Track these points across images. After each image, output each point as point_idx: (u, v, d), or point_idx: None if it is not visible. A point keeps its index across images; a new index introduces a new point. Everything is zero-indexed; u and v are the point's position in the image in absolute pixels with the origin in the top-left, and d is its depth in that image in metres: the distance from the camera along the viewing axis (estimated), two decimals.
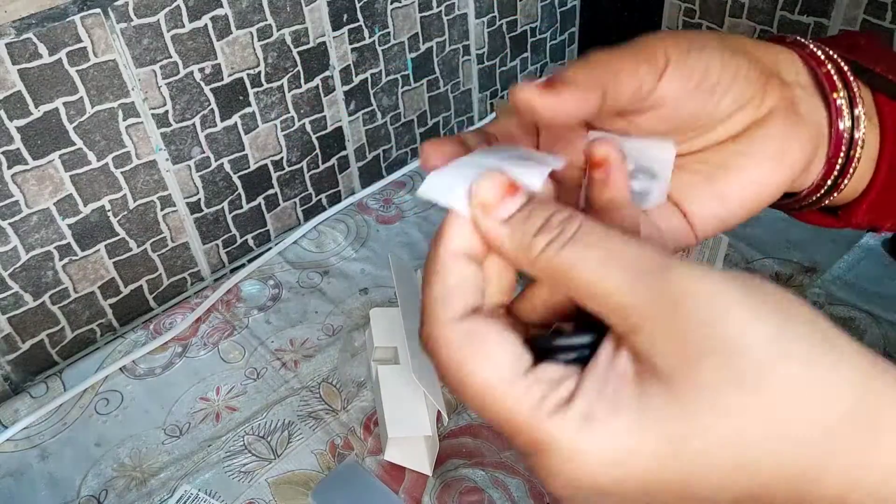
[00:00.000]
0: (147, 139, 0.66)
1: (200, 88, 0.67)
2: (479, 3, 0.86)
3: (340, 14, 0.74)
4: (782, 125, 0.33)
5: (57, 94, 0.59)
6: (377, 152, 0.87)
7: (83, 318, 0.70)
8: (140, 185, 0.67)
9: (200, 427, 0.62)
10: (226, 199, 0.75)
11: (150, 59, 0.63)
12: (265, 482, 0.57)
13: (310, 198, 0.82)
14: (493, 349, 0.26)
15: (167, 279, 0.74)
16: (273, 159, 0.76)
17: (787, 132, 0.33)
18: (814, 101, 0.35)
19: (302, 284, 0.74)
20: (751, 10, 0.80)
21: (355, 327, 0.69)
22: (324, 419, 0.61)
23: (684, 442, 0.23)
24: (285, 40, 0.71)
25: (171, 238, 0.72)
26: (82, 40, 0.58)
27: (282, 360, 0.67)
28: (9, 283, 0.63)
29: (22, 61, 0.56)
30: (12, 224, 0.61)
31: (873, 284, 0.67)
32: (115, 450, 0.60)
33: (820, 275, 0.68)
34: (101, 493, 0.57)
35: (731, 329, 0.23)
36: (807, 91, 0.34)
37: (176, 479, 0.58)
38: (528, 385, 0.25)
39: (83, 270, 0.67)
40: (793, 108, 0.33)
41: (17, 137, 0.58)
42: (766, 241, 0.72)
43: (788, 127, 0.33)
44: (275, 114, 0.74)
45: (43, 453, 0.60)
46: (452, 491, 0.56)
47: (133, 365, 0.67)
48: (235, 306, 0.72)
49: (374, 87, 0.82)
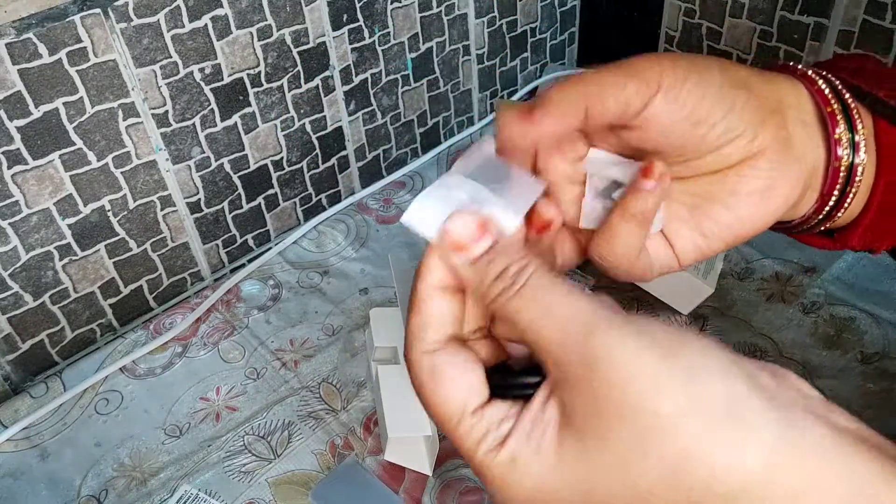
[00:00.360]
0: (147, 139, 0.66)
1: (200, 88, 0.67)
2: (479, 3, 0.86)
3: (340, 14, 0.74)
4: (772, 163, 0.33)
5: (57, 94, 0.59)
6: (377, 152, 0.87)
7: (83, 318, 0.70)
8: (140, 185, 0.67)
9: (200, 427, 0.62)
10: (226, 199, 0.75)
11: (150, 59, 0.63)
12: (265, 482, 0.57)
13: (310, 198, 0.82)
14: (451, 386, 0.29)
15: (167, 279, 0.74)
16: (273, 159, 0.76)
17: (776, 171, 0.33)
18: (814, 138, 0.34)
19: (302, 284, 0.74)
20: (751, 10, 0.80)
21: (355, 327, 0.69)
22: (324, 419, 0.61)
23: (590, 489, 0.26)
24: (285, 40, 0.71)
25: (171, 238, 0.72)
26: (82, 40, 0.58)
27: (282, 360, 0.67)
28: (9, 283, 0.63)
29: (22, 61, 0.56)
30: (12, 224, 0.61)
31: (873, 284, 0.67)
32: (115, 450, 0.60)
33: (820, 275, 0.68)
34: (101, 493, 0.57)
35: (638, 396, 0.25)
36: (808, 129, 0.34)
37: (176, 479, 0.58)
38: (475, 423, 0.28)
39: (83, 270, 0.67)
40: (786, 146, 0.33)
41: (17, 137, 0.58)
42: (765, 241, 0.72)
43: (778, 165, 0.33)
44: (275, 114, 0.74)
45: (43, 453, 0.60)
46: (452, 491, 0.56)
47: (133, 365, 0.67)
48: (235, 306, 0.72)
49: (374, 87, 0.82)
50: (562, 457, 0.27)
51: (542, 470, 0.27)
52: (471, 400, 0.29)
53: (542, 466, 0.27)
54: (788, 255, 0.70)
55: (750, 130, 0.32)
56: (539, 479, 0.27)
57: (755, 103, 0.32)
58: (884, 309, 0.64)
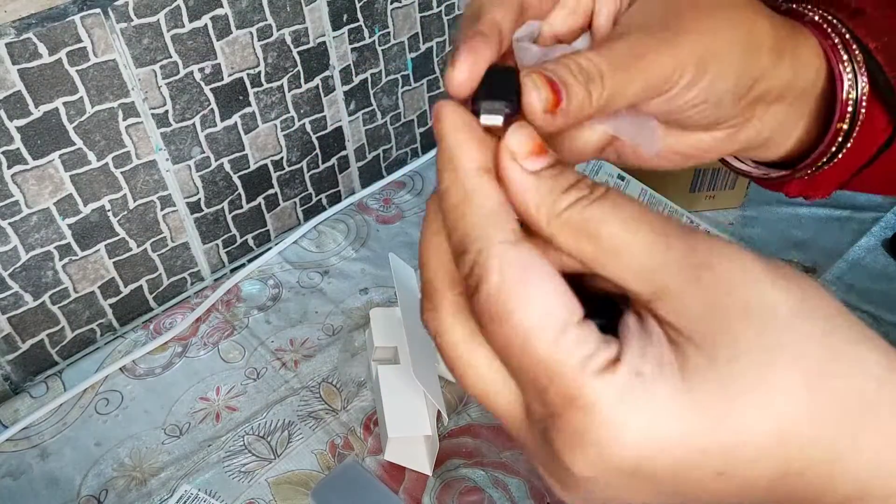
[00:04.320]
0: (147, 139, 0.66)
1: (200, 88, 0.67)
2: None
3: (340, 14, 0.74)
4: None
5: (57, 94, 0.59)
6: (377, 152, 0.87)
7: (83, 318, 0.70)
8: (140, 185, 0.67)
9: (200, 427, 0.62)
10: (226, 199, 0.75)
11: (150, 58, 0.63)
12: (265, 482, 0.57)
13: (310, 198, 0.82)
14: (549, 288, 0.23)
15: (167, 279, 0.74)
16: (273, 159, 0.76)
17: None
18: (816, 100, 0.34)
19: (302, 284, 0.74)
20: None
21: (355, 327, 0.69)
22: (324, 419, 0.61)
23: (728, 408, 0.21)
24: (285, 40, 0.71)
25: (171, 238, 0.72)
26: (82, 40, 0.58)
27: (282, 360, 0.67)
28: (9, 283, 0.63)
29: (22, 61, 0.56)
30: (12, 224, 0.61)
31: (874, 285, 0.67)
32: (115, 450, 0.60)
33: (820, 275, 0.68)
34: (101, 493, 0.57)
35: (764, 295, 0.22)
36: (809, 92, 0.34)
37: (176, 478, 0.58)
38: (584, 335, 0.23)
39: (83, 270, 0.67)
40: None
41: (17, 137, 0.58)
42: (766, 241, 0.72)
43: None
44: (275, 114, 0.74)
45: (43, 453, 0.60)
46: (452, 491, 0.56)
47: (133, 365, 0.67)
48: (235, 306, 0.72)
49: (374, 87, 0.82)
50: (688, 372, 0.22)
51: (669, 389, 0.22)
52: (574, 307, 0.23)
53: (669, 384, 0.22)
54: (789, 255, 0.70)
55: (739, 118, 0.32)
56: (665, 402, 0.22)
57: (752, 88, 0.31)
58: (884, 309, 0.64)
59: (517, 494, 0.56)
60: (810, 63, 0.33)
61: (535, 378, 0.23)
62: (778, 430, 0.22)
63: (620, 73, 0.27)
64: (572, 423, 0.22)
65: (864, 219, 0.75)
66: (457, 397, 0.62)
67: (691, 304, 0.22)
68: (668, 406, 0.22)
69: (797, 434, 0.22)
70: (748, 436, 0.22)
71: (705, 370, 0.22)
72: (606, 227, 0.23)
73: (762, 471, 0.22)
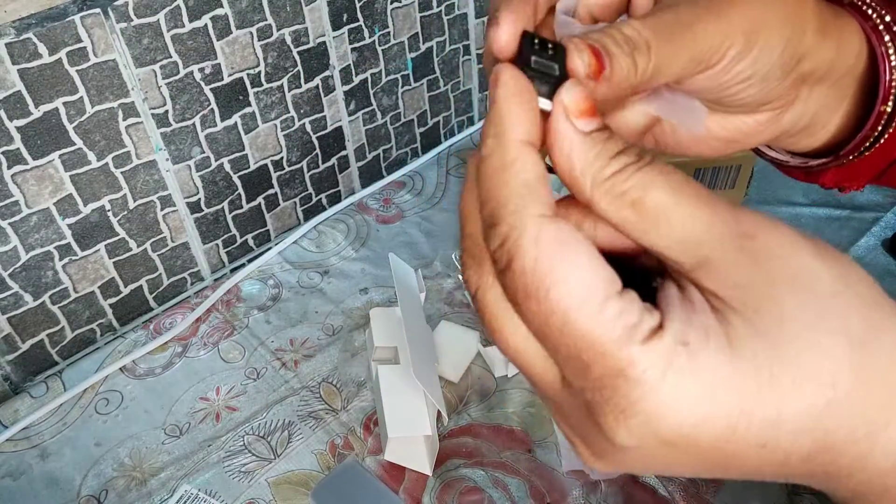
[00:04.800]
0: (147, 139, 0.66)
1: (200, 88, 0.67)
2: (479, 3, 0.86)
3: (340, 14, 0.74)
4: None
5: (57, 94, 0.59)
6: (377, 152, 0.87)
7: (83, 318, 0.70)
8: (140, 185, 0.67)
9: (200, 427, 0.62)
10: (226, 199, 0.75)
11: (150, 58, 0.63)
12: (265, 482, 0.57)
13: (310, 198, 0.82)
14: (588, 262, 0.22)
15: (167, 279, 0.74)
16: (273, 159, 0.76)
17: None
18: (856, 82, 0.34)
19: (302, 284, 0.74)
20: None
21: (355, 327, 0.69)
22: (324, 419, 0.61)
23: (774, 380, 0.21)
24: (285, 40, 0.71)
25: (171, 238, 0.72)
26: (82, 40, 0.58)
27: (282, 359, 0.67)
28: (9, 283, 0.63)
29: (22, 61, 0.56)
30: (12, 224, 0.61)
31: None
32: (115, 450, 0.60)
33: None
34: (101, 493, 0.57)
35: (807, 266, 0.22)
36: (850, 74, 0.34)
37: (176, 479, 0.58)
38: (622, 308, 0.22)
39: (83, 270, 0.67)
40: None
41: (17, 137, 0.58)
42: None
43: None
44: (275, 114, 0.74)
45: (43, 453, 0.60)
46: (452, 491, 0.56)
47: (133, 365, 0.67)
48: (235, 306, 0.72)
49: (374, 87, 0.82)
50: (733, 339, 0.22)
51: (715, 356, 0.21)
52: (614, 278, 0.23)
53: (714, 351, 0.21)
54: None
55: (784, 98, 0.32)
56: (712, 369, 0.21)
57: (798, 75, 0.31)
58: None
59: (517, 494, 0.56)
60: (852, 45, 0.33)
61: (576, 354, 0.22)
62: (823, 403, 0.22)
63: (668, 44, 0.26)
64: (618, 393, 0.22)
65: (864, 219, 0.75)
66: (457, 397, 0.63)
67: (736, 274, 0.22)
68: (714, 376, 0.21)
69: (840, 406, 0.22)
70: (793, 408, 0.21)
71: (751, 340, 0.21)
72: (651, 194, 0.23)
73: (803, 443, 0.22)
